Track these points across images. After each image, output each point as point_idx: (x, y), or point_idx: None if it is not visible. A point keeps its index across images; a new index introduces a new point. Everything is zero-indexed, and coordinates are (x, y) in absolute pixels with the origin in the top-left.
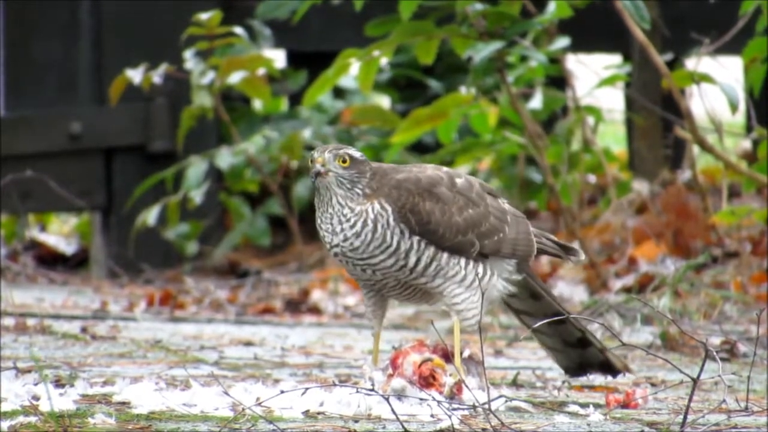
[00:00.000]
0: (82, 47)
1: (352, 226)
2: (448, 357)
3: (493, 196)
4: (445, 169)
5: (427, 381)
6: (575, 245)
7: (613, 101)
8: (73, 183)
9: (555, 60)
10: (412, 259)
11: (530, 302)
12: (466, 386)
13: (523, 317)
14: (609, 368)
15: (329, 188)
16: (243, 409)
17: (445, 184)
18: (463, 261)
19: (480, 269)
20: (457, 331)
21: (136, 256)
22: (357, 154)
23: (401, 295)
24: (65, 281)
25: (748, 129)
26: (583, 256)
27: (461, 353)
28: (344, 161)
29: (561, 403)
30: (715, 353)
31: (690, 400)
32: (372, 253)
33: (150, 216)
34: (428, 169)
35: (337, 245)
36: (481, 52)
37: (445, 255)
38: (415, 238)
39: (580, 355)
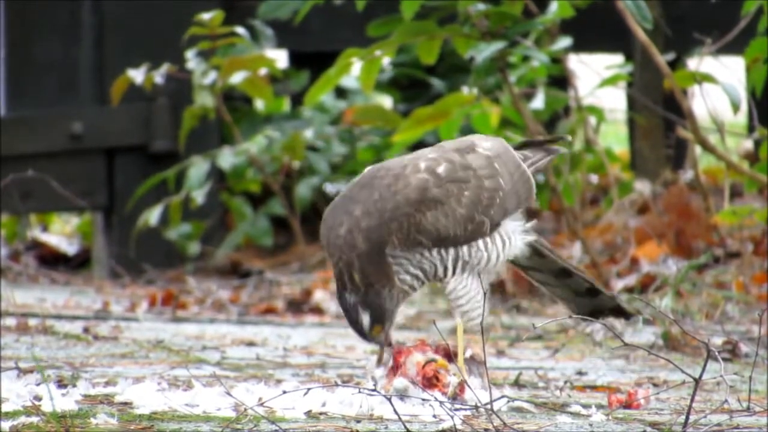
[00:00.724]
0: (84, 47)
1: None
2: (450, 357)
3: (471, 151)
4: (423, 164)
5: (430, 382)
6: (557, 136)
7: (615, 101)
8: (74, 183)
9: (557, 60)
10: (441, 270)
11: (536, 259)
12: (469, 386)
13: (531, 273)
14: (621, 312)
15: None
16: (245, 410)
17: (433, 183)
18: (481, 243)
19: (498, 241)
20: (460, 331)
21: (138, 257)
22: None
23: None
24: (67, 281)
25: (750, 129)
26: (568, 138)
27: (463, 353)
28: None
29: (563, 404)
30: (717, 353)
31: (692, 400)
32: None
33: (152, 216)
34: (409, 177)
35: None
36: (483, 52)
37: (465, 248)
38: (435, 251)
39: (592, 302)
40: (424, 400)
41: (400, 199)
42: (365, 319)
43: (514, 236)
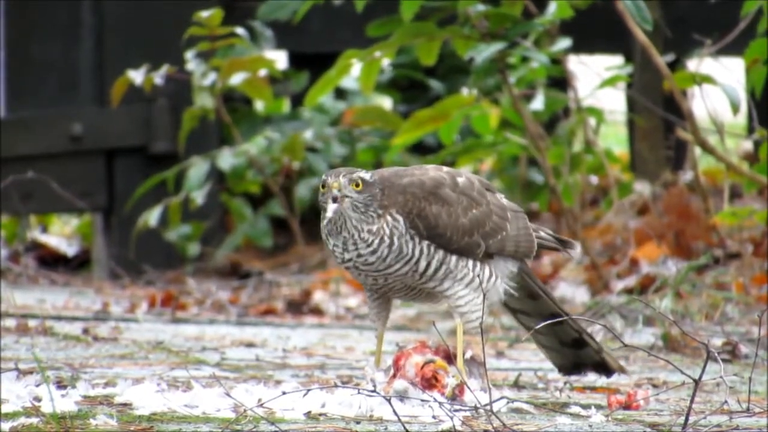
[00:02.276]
0: (84, 48)
1: (368, 245)
2: (449, 358)
3: (491, 191)
4: (445, 168)
5: (429, 382)
6: (572, 240)
7: (614, 102)
8: (74, 184)
9: (556, 61)
10: (422, 264)
11: (528, 302)
12: (468, 387)
13: (520, 317)
14: (604, 368)
15: (344, 213)
16: (244, 411)
17: (448, 184)
18: (470, 263)
19: (486, 270)
20: (460, 332)
21: (138, 257)
22: (367, 176)
23: (407, 296)
24: (67, 282)
25: (750, 130)
26: (578, 248)
27: (463, 354)
28: (357, 185)
29: (562, 405)
30: (716, 354)
31: (692, 401)
32: (388, 264)
33: (151, 217)
34: (430, 171)
35: (350, 260)
36: (483, 53)
37: (454, 258)
38: (425, 243)
39: (576, 354)
40: (423, 401)
41: (415, 181)
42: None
43: (500, 276)
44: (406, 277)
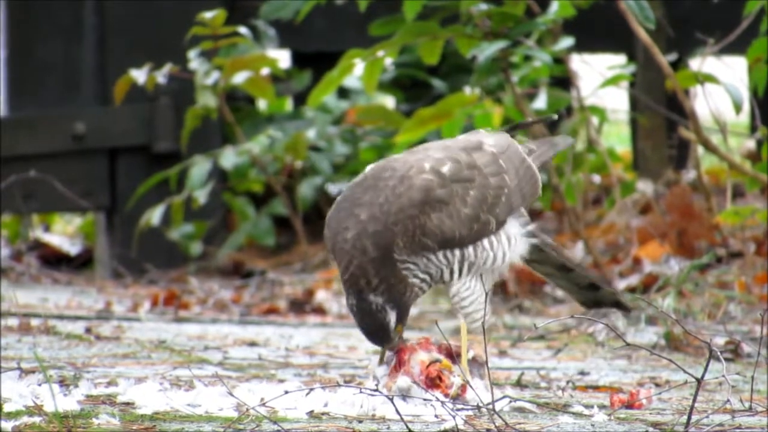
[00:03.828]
0: (86, 47)
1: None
2: (452, 356)
3: (477, 149)
4: (427, 164)
5: (433, 382)
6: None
7: (617, 101)
8: (76, 183)
9: (559, 60)
10: (446, 271)
11: (538, 254)
12: (471, 387)
13: (533, 265)
14: (621, 306)
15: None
16: (247, 410)
17: (437, 183)
18: (486, 242)
19: (504, 240)
20: (464, 332)
21: (140, 257)
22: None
23: None
24: (69, 281)
25: (753, 129)
26: (555, 117)
27: (467, 354)
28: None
29: (565, 404)
30: (719, 353)
31: (694, 400)
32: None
33: (154, 216)
34: (413, 178)
35: None
36: (485, 51)
37: (470, 248)
38: (440, 254)
39: (594, 295)
40: (426, 400)
41: (404, 202)
42: (393, 318)
43: (519, 236)
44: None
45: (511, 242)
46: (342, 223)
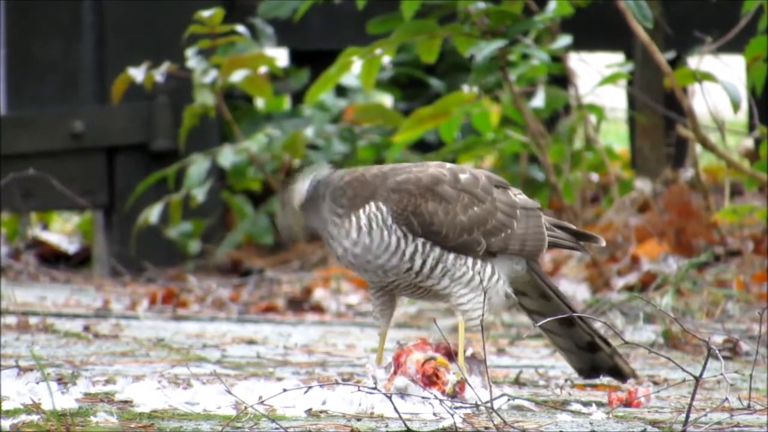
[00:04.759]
0: (85, 46)
1: (347, 235)
2: (450, 355)
3: (503, 188)
4: (448, 165)
5: (430, 380)
6: (596, 235)
7: (615, 100)
8: (75, 182)
9: (557, 58)
10: (418, 262)
11: (541, 302)
12: (469, 385)
13: (534, 317)
14: (618, 373)
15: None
16: (245, 408)
17: (448, 181)
18: (470, 261)
19: (488, 269)
20: (461, 330)
21: (139, 255)
22: (318, 177)
23: (413, 294)
24: (67, 280)
25: (751, 127)
26: (603, 243)
27: (464, 352)
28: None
29: (563, 402)
30: (717, 352)
31: (692, 398)
32: (376, 254)
33: (152, 214)
34: (430, 167)
35: (342, 256)
36: (483, 50)
37: (452, 256)
38: (420, 240)
39: (591, 359)
40: (424, 398)
41: (411, 178)
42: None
43: (502, 277)
44: (404, 274)
45: (494, 277)
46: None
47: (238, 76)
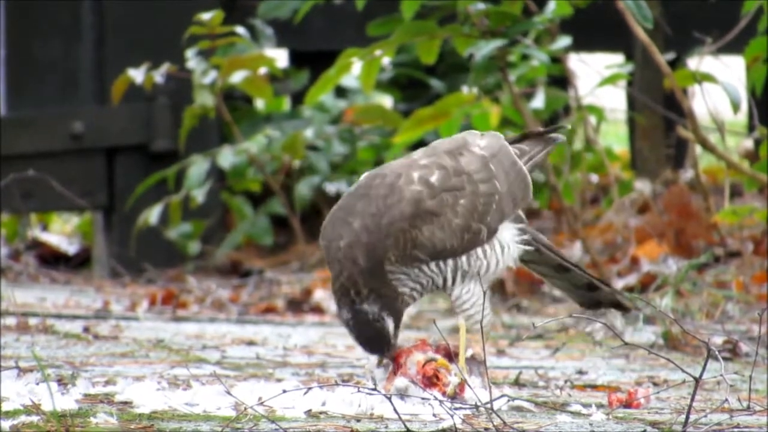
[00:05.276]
0: (84, 47)
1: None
2: (450, 356)
3: (465, 149)
4: (416, 174)
5: (430, 381)
6: (556, 127)
7: (615, 101)
8: (75, 182)
9: (557, 59)
10: (439, 280)
11: (534, 255)
12: (469, 386)
13: (530, 265)
14: (619, 306)
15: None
16: (245, 409)
17: (426, 194)
18: (479, 251)
19: (497, 247)
20: (462, 332)
21: (138, 256)
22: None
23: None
24: (67, 281)
25: (750, 128)
26: (568, 126)
27: (465, 354)
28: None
29: (563, 403)
30: (717, 353)
31: (692, 399)
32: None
33: (152, 215)
34: (403, 190)
35: None
36: (483, 50)
37: (464, 257)
38: (432, 264)
39: (592, 295)
40: (424, 399)
41: (395, 214)
42: (391, 324)
43: (512, 242)
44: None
45: (504, 249)
46: (336, 231)
47: (237, 77)
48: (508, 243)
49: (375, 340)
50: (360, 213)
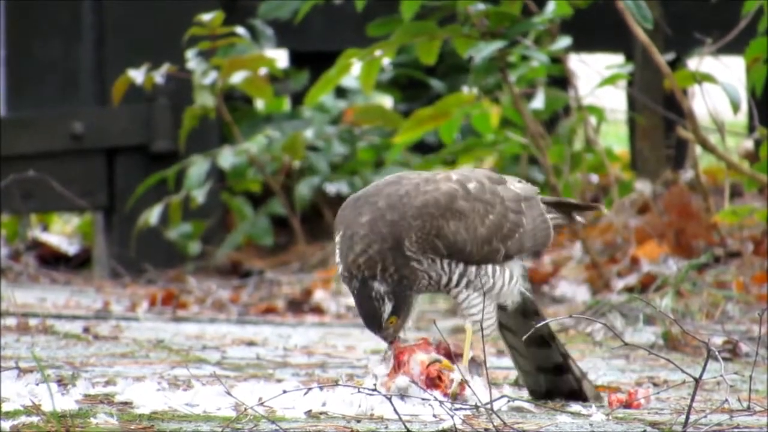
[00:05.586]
0: (85, 47)
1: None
2: (450, 356)
3: (502, 183)
4: (454, 176)
5: (433, 382)
6: (595, 204)
7: (615, 101)
8: (75, 183)
9: (557, 60)
10: (444, 279)
11: (519, 318)
12: (469, 386)
13: (504, 332)
14: (578, 397)
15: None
16: (245, 409)
17: (461, 195)
18: (490, 269)
19: (507, 273)
20: (469, 335)
21: (139, 256)
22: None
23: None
24: (67, 281)
25: (750, 129)
26: (604, 209)
27: (469, 358)
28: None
29: (563, 403)
30: (717, 353)
31: (692, 399)
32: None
33: (152, 216)
34: (441, 184)
35: None
36: (483, 51)
37: (474, 268)
38: (446, 261)
39: (551, 381)
40: (424, 399)
41: (428, 199)
42: (388, 308)
43: (519, 276)
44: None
45: (512, 280)
46: (358, 209)
47: (238, 78)
48: (515, 276)
49: (369, 316)
50: (386, 195)
